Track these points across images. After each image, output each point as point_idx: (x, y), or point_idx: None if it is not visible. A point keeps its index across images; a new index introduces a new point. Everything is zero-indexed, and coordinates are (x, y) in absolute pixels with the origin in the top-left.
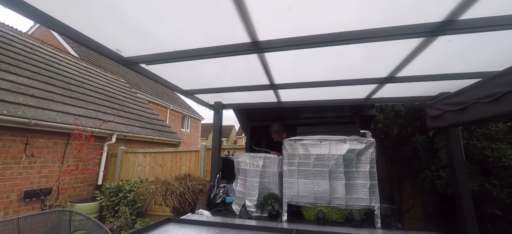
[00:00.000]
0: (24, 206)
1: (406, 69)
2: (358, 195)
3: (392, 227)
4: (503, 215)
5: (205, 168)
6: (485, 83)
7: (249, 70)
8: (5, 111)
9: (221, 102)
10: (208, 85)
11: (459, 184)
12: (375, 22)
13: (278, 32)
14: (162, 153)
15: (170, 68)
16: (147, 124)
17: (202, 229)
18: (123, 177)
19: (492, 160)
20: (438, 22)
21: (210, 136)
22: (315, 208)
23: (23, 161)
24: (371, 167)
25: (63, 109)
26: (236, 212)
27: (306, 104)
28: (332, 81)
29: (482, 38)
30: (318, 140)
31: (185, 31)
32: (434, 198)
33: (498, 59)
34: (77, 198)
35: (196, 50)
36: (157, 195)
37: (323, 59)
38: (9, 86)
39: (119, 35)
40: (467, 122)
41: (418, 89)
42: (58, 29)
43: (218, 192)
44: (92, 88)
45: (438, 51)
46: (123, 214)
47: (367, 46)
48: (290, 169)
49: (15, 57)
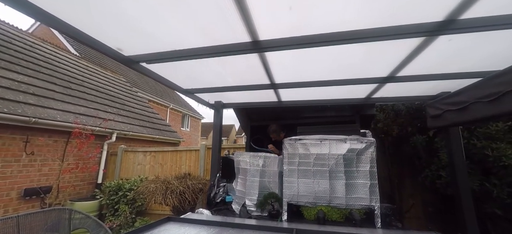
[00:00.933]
0: (24, 204)
1: (406, 68)
2: (358, 195)
3: (392, 227)
4: (503, 214)
5: (205, 167)
6: (486, 82)
7: (250, 70)
8: (6, 110)
9: (222, 101)
10: (208, 84)
11: (459, 183)
12: (375, 21)
13: (278, 31)
14: (162, 152)
15: (170, 67)
16: (147, 123)
17: (202, 228)
18: (123, 175)
19: (492, 159)
20: (438, 22)
21: (210, 135)
22: (315, 208)
23: (23, 159)
24: (371, 166)
25: (63, 107)
26: (236, 211)
27: (307, 104)
28: (332, 81)
29: (482, 38)
30: (319, 140)
31: (185, 30)
32: (434, 198)
33: (498, 58)
34: (77, 196)
35: (197, 50)
36: (157, 194)
37: (324, 58)
38: (10, 84)
39: (120, 34)
40: (468, 121)
41: (419, 88)
42: (60, 28)
43: (218, 191)
44: (92, 86)
45: (438, 50)
46: (123, 213)
47: (367, 45)
48: (290, 168)
49: (15, 55)
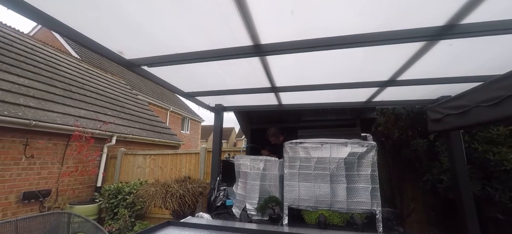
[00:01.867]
0: (23, 208)
1: (407, 72)
2: (360, 199)
3: (394, 231)
4: (505, 218)
5: (205, 170)
6: (486, 87)
7: (251, 73)
8: (6, 112)
9: (222, 104)
10: (209, 87)
11: (460, 188)
12: (376, 26)
13: (280, 35)
14: (162, 155)
15: (171, 70)
16: (147, 126)
17: (202, 232)
18: (122, 179)
19: (494, 163)
20: (439, 27)
21: (210, 138)
22: (316, 212)
23: (22, 162)
24: (372, 170)
25: (63, 110)
26: (237, 215)
27: (307, 107)
28: (333, 85)
29: (483, 42)
30: (319, 143)
31: (187, 34)
32: (436, 202)
33: (499, 62)
34: (76, 199)
35: (198, 53)
36: (157, 198)
37: (325, 62)
38: (10, 87)
39: (121, 37)
40: (468, 125)
41: (419, 92)
42: (61, 31)
43: (219, 194)
44: (92, 89)
45: (439, 54)
46: (122, 217)
47: (368, 49)
48: (291, 172)
49: (16, 58)
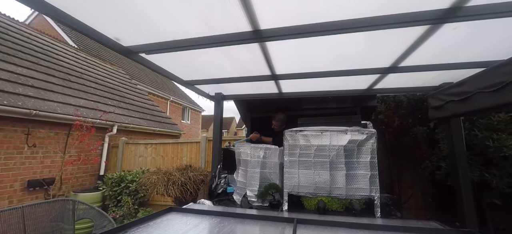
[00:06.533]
0: (28, 195)
1: (409, 58)
2: (359, 185)
3: (391, 216)
4: (502, 204)
5: (206, 159)
6: (489, 72)
7: (250, 60)
8: (6, 102)
9: (222, 93)
10: (208, 75)
11: (459, 174)
12: (379, 9)
13: (280, 20)
14: (163, 144)
15: (170, 58)
16: (147, 115)
17: (204, 218)
18: (124, 167)
19: (493, 150)
20: (444, 9)
21: (211, 128)
22: (315, 198)
23: (25, 151)
24: (371, 157)
25: (63, 100)
26: (237, 202)
27: (307, 95)
28: (333, 72)
29: (487, 27)
30: (319, 131)
31: (185, 19)
32: (434, 188)
33: (502, 48)
34: (80, 188)
35: (197, 40)
36: (159, 185)
37: (325, 48)
38: (8, 76)
39: (118, 23)
40: (470, 112)
41: (421, 79)
42: (56, 16)
43: (220, 182)
44: (91, 79)
45: (442, 39)
46: (126, 204)
47: (370, 34)
48: (291, 159)
49: (12, 47)
